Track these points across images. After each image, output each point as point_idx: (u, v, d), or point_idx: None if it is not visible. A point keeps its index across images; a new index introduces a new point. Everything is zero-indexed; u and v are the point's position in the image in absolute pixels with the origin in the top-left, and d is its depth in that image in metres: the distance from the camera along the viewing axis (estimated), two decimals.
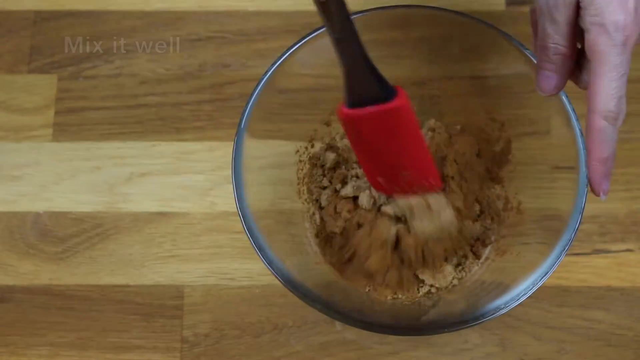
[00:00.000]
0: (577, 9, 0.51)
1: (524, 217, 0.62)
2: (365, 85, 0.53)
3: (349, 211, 0.63)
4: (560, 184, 0.58)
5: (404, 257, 0.60)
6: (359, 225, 0.61)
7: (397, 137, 0.56)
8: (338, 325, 0.64)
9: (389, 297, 0.61)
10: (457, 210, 0.60)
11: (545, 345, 0.64)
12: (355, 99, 0.53)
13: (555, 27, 0.52)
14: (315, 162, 0.66)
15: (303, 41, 0.58)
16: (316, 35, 0.59)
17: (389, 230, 0.60)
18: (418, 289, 0.62)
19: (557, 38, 0.52)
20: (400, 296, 0.62)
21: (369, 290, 0.62)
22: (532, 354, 0.64)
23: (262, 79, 0.58)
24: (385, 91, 0.53)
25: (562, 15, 0.51)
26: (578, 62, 0.54)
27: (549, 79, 0.55)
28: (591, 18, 0.50)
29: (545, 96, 0.57)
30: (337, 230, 0.62)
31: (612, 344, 0.64)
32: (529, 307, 0.64)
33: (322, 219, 0.64)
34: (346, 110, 0.53)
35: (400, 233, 0.59)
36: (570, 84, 0.57)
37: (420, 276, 0.62)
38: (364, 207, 0.61)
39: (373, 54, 0.63)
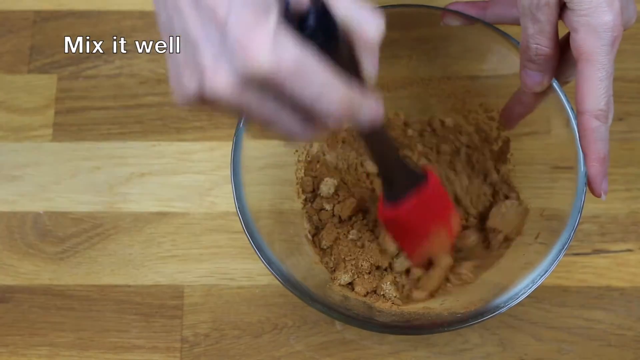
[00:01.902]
0: (560, 9, 0.51)
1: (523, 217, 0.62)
2: (403, 176, 0.54)
3: None
4: (560, 184, 0.58)
5: None
6: None
7: (434, 207, 0.58)
8: (338, 325, 0.64)
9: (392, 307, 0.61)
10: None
11: (545, 345, 0.64)
12: (395, 193, 0.55)
13: (537, 26, 0.51)
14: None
15: None
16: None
17: None
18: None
19: (539, 38, 0.52)
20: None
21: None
22: (532, 354, 0.64)
23: None
24: (418, 170, 0.55)
25: (545, 15, 0.51)
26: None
27: (533, 77, 0.54)
28: (580, 19, 0.50)
29: (545, 97, 0.57)
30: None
31: (612, 344, 0.64)
32: (529, 307, 0.64)
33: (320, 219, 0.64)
34: (392, 210, 0.55)
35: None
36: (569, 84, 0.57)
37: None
38: None
39: None
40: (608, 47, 0.50)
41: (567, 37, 0.54)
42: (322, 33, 0.38)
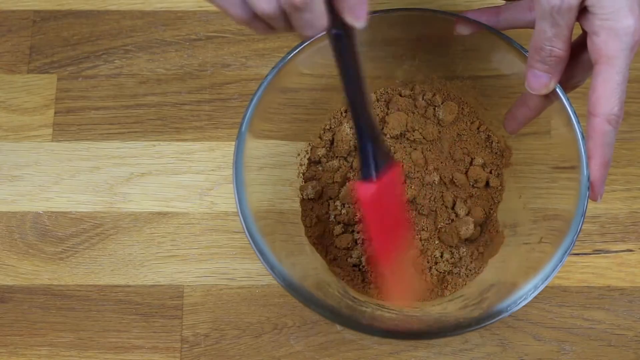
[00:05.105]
0: (578, 13, 0.51)
1: (524, 218, 0.62)
2: (380, 154, 0.53)
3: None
4: (561, 184, 0.58)
5: None
6: None
7: (397, 195, 0.56)
8: (338, 325, 0.64)
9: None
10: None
11: (545, 345, 0.64)
12: (370, 171, 0.53)
13: (556, 30, 0.51)
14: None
15: (307, 43, 0.58)
16: (317, 35, 0.58)
17: None
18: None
19: (556, 41, 0.52)
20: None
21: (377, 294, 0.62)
22: (532, 354, 0.64)
23: (266, 78, 0.58)
24: (388, 151, 0.54)
25: (566, 19, 0.51)
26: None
27: (540, 78, 0.54)
28: (602, 22, 0.50)
29: (551, 101, 0.57)
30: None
31: (612, 344, 0.64)
32: (529, 307, 0.64)
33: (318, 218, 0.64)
34: (367, 186, 0.52)
35: None
36: None
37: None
38: None
39: (373, 54, 0.63)
40: (628, 51, 0.50)
41: (579, 40, 0.54)
42: None
